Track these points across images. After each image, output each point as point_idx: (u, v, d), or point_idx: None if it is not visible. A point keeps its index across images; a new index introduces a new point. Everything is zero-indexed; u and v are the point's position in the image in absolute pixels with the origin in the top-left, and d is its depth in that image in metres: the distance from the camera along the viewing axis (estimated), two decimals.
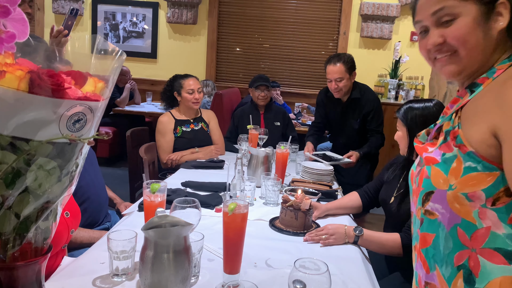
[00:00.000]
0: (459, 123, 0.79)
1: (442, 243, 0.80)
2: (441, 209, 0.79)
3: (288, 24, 5.66)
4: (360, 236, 1.48)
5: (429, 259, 0.83)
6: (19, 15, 0.61)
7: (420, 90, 5.16)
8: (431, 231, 0.83)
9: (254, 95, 3.17)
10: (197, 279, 1.16)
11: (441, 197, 0.79)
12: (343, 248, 1.47)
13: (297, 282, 0.94)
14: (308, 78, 5.79)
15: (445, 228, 0.79)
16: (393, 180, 1.76)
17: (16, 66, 0.61)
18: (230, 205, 1.10)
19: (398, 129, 1.69)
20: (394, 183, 1.74)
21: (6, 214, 0.66)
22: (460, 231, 0.77)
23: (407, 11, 5.47)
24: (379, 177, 1.90)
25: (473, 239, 0.76)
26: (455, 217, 0.77)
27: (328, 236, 1.47)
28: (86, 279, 1.13)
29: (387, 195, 1.74)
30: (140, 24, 5.78)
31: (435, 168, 0.80)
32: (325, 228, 1.51)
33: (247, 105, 3.30)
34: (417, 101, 1.68)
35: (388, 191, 1.75)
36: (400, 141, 1.68)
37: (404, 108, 1.67)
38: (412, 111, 1.63)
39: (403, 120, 1.65)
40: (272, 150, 2.28)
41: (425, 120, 1.58)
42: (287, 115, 3.36)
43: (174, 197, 1.58)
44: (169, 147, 2.64)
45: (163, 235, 0.94)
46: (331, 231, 1.49)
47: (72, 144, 0.68)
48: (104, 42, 0.73)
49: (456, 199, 0.76)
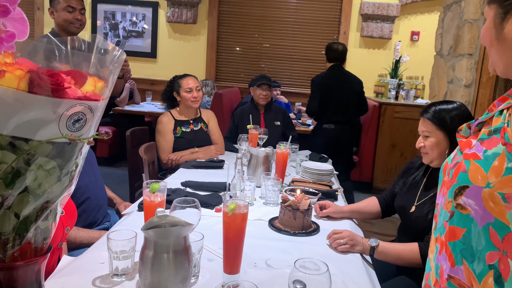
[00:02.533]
0: (509, 121, 0.76)
1: (474, 239, 0.78)
2: (474, 205, 0.77)
3: (288, 23, 5.66)
4: (376, 248, 1.42)
5: (456, 253, 0.81)
6: (19, 15, 0.61)
7: (420, 90, 5.16)
8: (462, 225, 0.80)
9: (255, 94, 3.17)
10: (197, 279, 1.16)
11: (476, 193, 0.76)
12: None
13: (297, 282, 0.93)
14: (308, 78, 5.77)
15: (478, 224, 0.77)
16: (412, 187, 1.67)
17: (16, 66, 0.61)
18: (230, 205, 1.10)
19: (429, 135, 1.53)
20: (414, 190, 1.65)
21: (5, 214, 0.65)
22: (492, 231, 0.75)
23: (407, 11, 5.47)
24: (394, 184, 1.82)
25: (505, 241, 0.74)
26: (488, 216, 0.75)
27: (347, 241, 1.42)
28: (86, 279, 1.13)
29: (407, 203, 1.64)
30: (140, 23, 5.77)
31: (475, 164, 0.78)
32: (344, 232, 1.45)
33: (247, 105, 3.30)
34: (442, 103, 1.56)
35: (408, 199, 1.65)
36: (432, 149, 1.52)
37: (433, 110, 1.52)
38: (447, 113, 1.49)
39: (437, 123, 1.50)
40: (272, 150, 2.27)
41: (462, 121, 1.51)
42: (287, 115, 3.36)
43: (174, 197, 1.58)
44: (168, 147, 2.64)
45: (163, 235, 0.94)
46: (350, 237, 1.43)
47: (72, 144, 0.68)
48: (104, 42, 0.72)
49: (491, 198, 0.74)
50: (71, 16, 2.46)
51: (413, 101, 5.03)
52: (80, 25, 2.51)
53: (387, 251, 1.44)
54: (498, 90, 1.94)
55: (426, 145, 1.54)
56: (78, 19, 2.48)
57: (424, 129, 1.54)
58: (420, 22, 5.48)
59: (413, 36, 5.50)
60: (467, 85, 2.14)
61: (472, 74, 2.13)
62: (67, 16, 2.45)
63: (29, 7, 5.79)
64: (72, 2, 2.45)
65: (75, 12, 2.47)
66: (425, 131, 1.54)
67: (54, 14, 2.49)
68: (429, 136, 1.53)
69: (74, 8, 2.46)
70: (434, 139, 1.52)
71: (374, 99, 4.99)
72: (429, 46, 3.49)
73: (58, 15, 2.47)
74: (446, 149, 1.50)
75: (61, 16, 2.46)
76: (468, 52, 2.13)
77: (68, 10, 2.45)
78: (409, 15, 5.49)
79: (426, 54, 4.35)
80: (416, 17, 5.50)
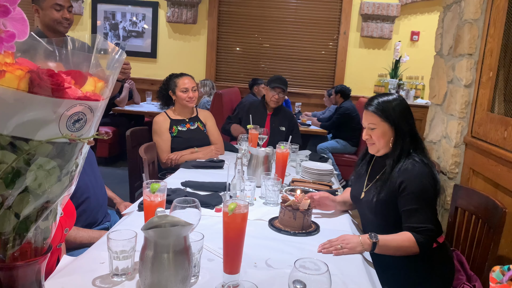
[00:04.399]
0: None
1: None
2: None
3: (288, 23, 5.66)
4: (377, 242, 1.43)
5: None
6: (19, 15, 0.61)
7: (420, 90, 5.16)
8: None
9: (267, 94, 3.14)
10: (197, 279, 1.16)
11: None
12: None
13: (297, 282, 0.93)
14: (308, 78, 5.79)
15: None
16: (360, 176, 1.78)
17: (16, 66, 0.61)
18: (230, 205, 1.10)
19: (375, 126, 1.62)
20: (361, 178, 1.76)
21: (6, 214, 0.65)
22: None
23: (407, 11, 5.47)
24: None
25: None
26: None
27: (344, 245, 1.42)
28: (86, 278, 1.13)
29: (358, 191, 1.75)
30: (140, 23, 5.77)
31: None
32: (339, 238, 1.46)
33: (256, 101, 3.25)
34: (383, 95, 1.66)
35: (358, 187, 1.76)
36: (379, 140, 1.62)
37: (376, 102, 1.63)
38: (389, 104, 1.60)
39: (382, 115, 1.60)
40: (272, 150, 2.27)
41: (402, 111, 1.60)
42: (294, 121, 3.30)
43: (174, 197, 1.58)
44: (167, 147, 2.63)
45: (163, 235, 0.94)
46: (346, 241, 1.43)
47: (72, 144, 0.68)
48: (103, 42, 0.72)
49: None
50: (59, 14, 2.26)
51: (413, 101, 5.03)
52: (68, 24, 2.33)
53: (388, 243, 1.46)
54: (498, 90, 1.94)
55: (373, 137, 1.63)
56: (66, 18, 2.29)
57: (370, 121, 1.63)
58: (420, 22, 5.48)
59: (413, 36, 5.50)
60: (467, 85, 2.14)
61: (472, 74, 2.13)
62: (55, 15, 2.25)
63: (29, 7, 5.79)
64: (60, 0, 2.26)
65: (63, 10, 2.27)
66: (371, 124, 1.63)
67: (39, 13, 2.29)
68: (374, 127, 1.62)
69: (62, 6, 2.26)
70: (380, 130, 1.61)
71: None
72: (429, 46, 3.50)
73: (44, 13, 2.27)
74: (391, 138, 1.61)
75: (48, 15, 2.26)
76: (468, 52, 2.13)
77: (55, 8, 2.25)
78: (409, 15, 5.49)
79: (426, 54, 4.35)
80: (416, 17, 5.50)
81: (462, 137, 2.19)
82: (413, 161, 1.57)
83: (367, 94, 5.53)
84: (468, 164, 2.11)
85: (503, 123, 1.81)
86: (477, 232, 1.66)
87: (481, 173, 1.98)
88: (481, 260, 1.59)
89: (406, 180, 1.53)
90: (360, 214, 1.80)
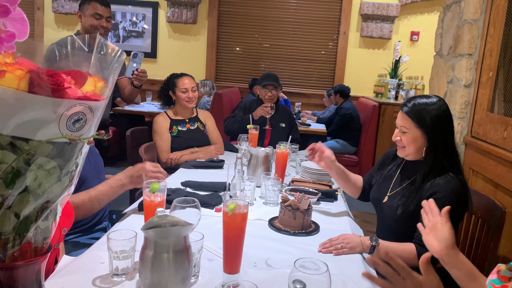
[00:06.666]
0: None
1: None
2: None
3: (288, 23, 5.66)
4: (376, 246, 1.40)
5: None
6: (19, 15, 0.61)
7: (420, 90, 5.16)
8: None
9: (261, 94, 3.14)
10: (197, 279, 1.16)
11: None
12: None
13: (297, 282, 0.93)
14: (308, 78, 5.79)
15: None
16: (386, 178, 1.69)
17: (16, 66, 0.61)
18: (230, 205, 1.10)
19: (407, 131, 1.51)
20: (388, 182, 1.68)
21: (5, 214, 0.65)
22: None
23: (407, 11, 5.47)
24: (371, 173, 1.85)
25: None
26: None
27: (344, 245, 1.41)
28: (86, 278, 1.13)
29: (381, 194, 1.68)
30: (140, 23, 5.78)
31: None
32: (339, 238, 1.44)
33: (255, 101, 3.23)
34: (421, 97, 1.54)
35: (381, 190, 1.69)
36: (409, 145, 1.52)
37: (413, 105, 1.51)
38: (427, 112, 1.48)
39: (416, 121, 1.49)
40: (272, 150, 2.27)
41: (440, 121, 1.48)
42: (293, 117, 3.32)
43: (174, 196, 1.58)
44: (166, 146, 2.64)
45: (163, 235, 0.94)
46: (346, 240, 1.42)
47: (72, 143, 0.68)
48: (103, 42, 0.73)
49: None
50: (97, 22, 2.57)
51: None
52: (104, 32, 2.62)
53: (388, 250, 1.43)
54: (497, 90, 1.94)
55: (403, 140, 1.53)
56: (103, 26, 2.60)
57: (402, 124, 1.53)
58: (419, 22, 5.48)
59: (413, 36, 5.51)
60: (467, 85, 2.15)
61: (471, 74, 2.13)
62: (94, 22, 2.57)
63: (29, 7, 5.79)
64: (100, 10, 2.57)
65: (101, 19, 2.58)
66: (403, 127, 1.53)
67: (81, 18, 2.61)
68: (406, 131, 1.52)
69: (101, 16, 2.58)
70: (411, 135, 1.51)
71: (374, 99, 4.99)
72: (429, 46, 3.50)
73: (85, 19, 2.58)
74: (423, 146, 1.50)
75: (88, 21, 2.57)
76: (467, 52, 2.13)
77: (95, 17, 2.56)
78: (409, 15, 5.50)
79: (426, 54, 4.35)
80: (416, 17, 5.50)
81: (462, 137, 2.19)
82: (448, 176, 1.47)
83: (367, 94, 5.53)
84: (468, 164, 2.12)
85: (503, 123, 1.81)
86: (477, 232, 1.66)
87: (481, 173, 1.98)
88: (481, 260, 1.59)
89: (439, 192, 1.44)
90: (378, 217, 1.73)
